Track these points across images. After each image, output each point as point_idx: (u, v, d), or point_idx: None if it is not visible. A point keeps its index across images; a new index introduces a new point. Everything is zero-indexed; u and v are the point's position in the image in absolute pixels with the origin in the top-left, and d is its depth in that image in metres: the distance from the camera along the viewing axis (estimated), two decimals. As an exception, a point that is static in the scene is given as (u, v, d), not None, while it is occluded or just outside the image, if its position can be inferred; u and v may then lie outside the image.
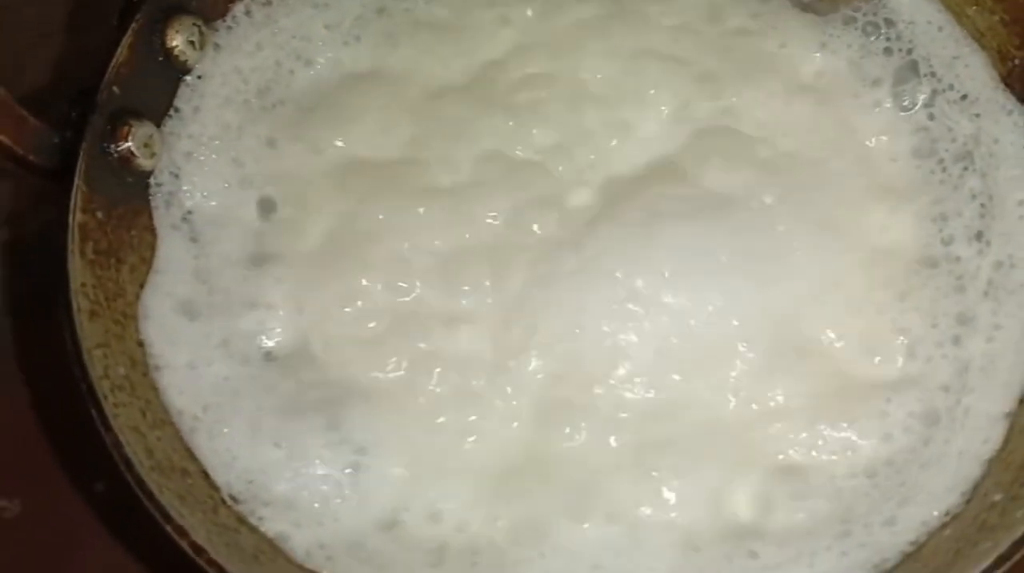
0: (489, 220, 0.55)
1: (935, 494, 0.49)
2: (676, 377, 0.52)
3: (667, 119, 0.58)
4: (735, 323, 0.52)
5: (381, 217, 0.55)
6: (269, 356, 0.53)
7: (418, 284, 0.54)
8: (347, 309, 0.53)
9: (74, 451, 0.60)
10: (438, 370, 0.52)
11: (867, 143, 0.58)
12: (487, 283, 0.54)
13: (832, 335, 0.53)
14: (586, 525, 0.49)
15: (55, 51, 0.68)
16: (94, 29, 0.67)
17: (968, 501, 0.49)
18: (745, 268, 0.53)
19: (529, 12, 0.60)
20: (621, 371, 0.52)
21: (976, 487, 0.49)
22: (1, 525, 0.59)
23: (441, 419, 0.52)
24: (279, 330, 0.53)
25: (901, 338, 0.53)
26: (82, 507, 0.58)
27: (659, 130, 0.58)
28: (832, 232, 0.55)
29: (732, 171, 0.56)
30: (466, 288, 0.54)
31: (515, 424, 0.51)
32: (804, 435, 0.51)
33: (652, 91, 0.58)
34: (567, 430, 0.51)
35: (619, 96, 0.58)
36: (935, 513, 0.49)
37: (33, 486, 0.59)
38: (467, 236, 0.55)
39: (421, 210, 0.55)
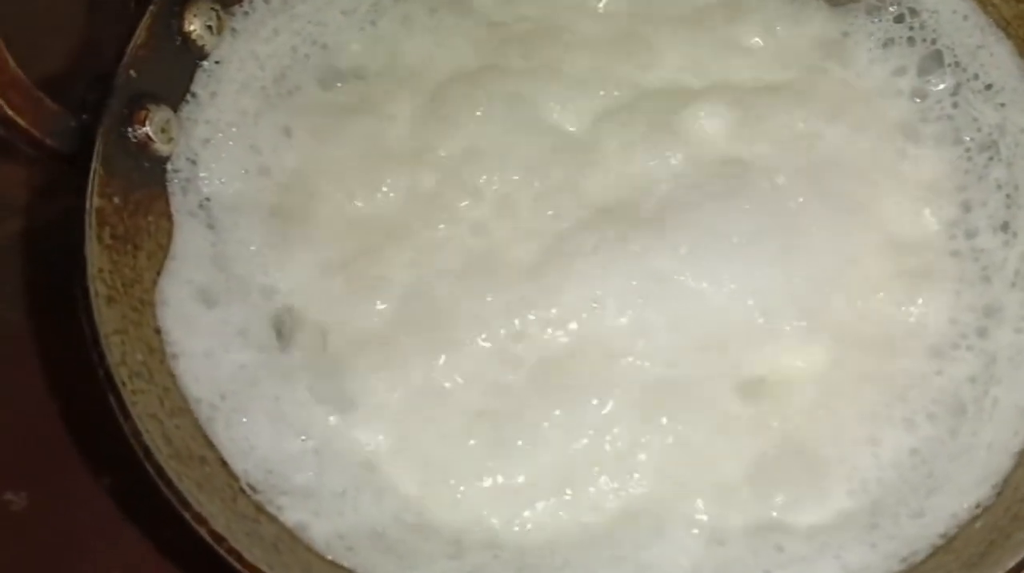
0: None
1: (965, 486, 0.49)
2: (693, 355, 0.52)
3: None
4: (750, 302, 0.52)
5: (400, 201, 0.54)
6: (287, 345, 0.52)
7: (439, 270, 0.53)
8: (366, 296, 0.53)
9: (81, 444, 0.59)
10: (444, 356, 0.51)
11: (889, 132, 0.57)
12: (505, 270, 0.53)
13: (851, 317, 0.53)
14: (609, 518, 0.49)
15: (71, 37, 0.67)
16: (110, 15, 0.67)
17: (999, 493, 0.48)
18: (760, 246, 0.53)
19: None
20: (640, 347, 0.51)
21: (1007, 479, 0.48)
22: (8, 518, 0.58)
23: (458, 407, 0.51)
24: (297, 319, 0.53)
25: (923, 328, 0.53)
26: (89, 500, 0.58)
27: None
28: (849, 214, 0.54)
29: (750, 151, 0.56)
30: (484, 286, 0.53)
31: (528, 404, 0.51)
32: (825, 421, 0.51)
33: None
34: (585, 411, 0.50)
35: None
36: (965, 505, 0.48)
37: (40, 479, 0.59)
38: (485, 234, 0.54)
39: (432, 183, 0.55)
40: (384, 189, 0.55)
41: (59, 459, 0.59)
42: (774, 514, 0.49)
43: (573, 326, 0.52)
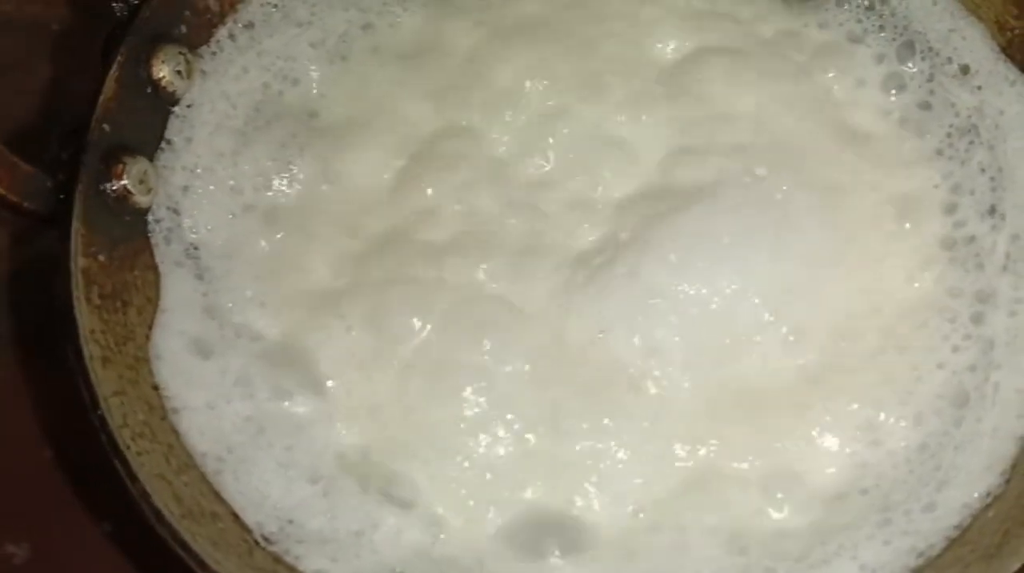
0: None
1: (973, 475, 0.49)
2: (707, 367, 0.52)
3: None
4: (756, 301, 0.52)
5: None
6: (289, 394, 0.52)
7: (432, 321, 0.53)
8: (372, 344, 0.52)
9: (78, 491, 0.58)
10: (469, 389, 0.51)
11: (867, 123, 0.57)
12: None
13: (855, 308, 0.53)
14: (631, 527, 0.49)
15: (29, 81, 0.65)
16: (70, 59, 0.67)
17: (1008, 480, 0.49)
18: (751, 244, 0.53)
19: None
20: (655, 368, 0.51)
21: (1015, 465, 0.49)
22: (11, 572, 0.57)
23: (472, 435, 0.51)
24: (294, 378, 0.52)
25: (923, 319, 0.53)
26: (91, 547, 0.57)
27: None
28: (835, 200, 0.54)
29: (723, 149, 0.56)
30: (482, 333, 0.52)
31: (556, 436, 0.50)
32: (832, 419, 0.51)
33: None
34: (610, 436, 0.50)
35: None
36: (975, 494, 0.49)
37: (40, 529, 0.58)
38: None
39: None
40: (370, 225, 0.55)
41: (57, 507, 0.58)
42: (784, 515, 0.50)
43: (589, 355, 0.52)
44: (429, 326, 0.52)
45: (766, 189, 0.54)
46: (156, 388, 0.50)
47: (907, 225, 0.55)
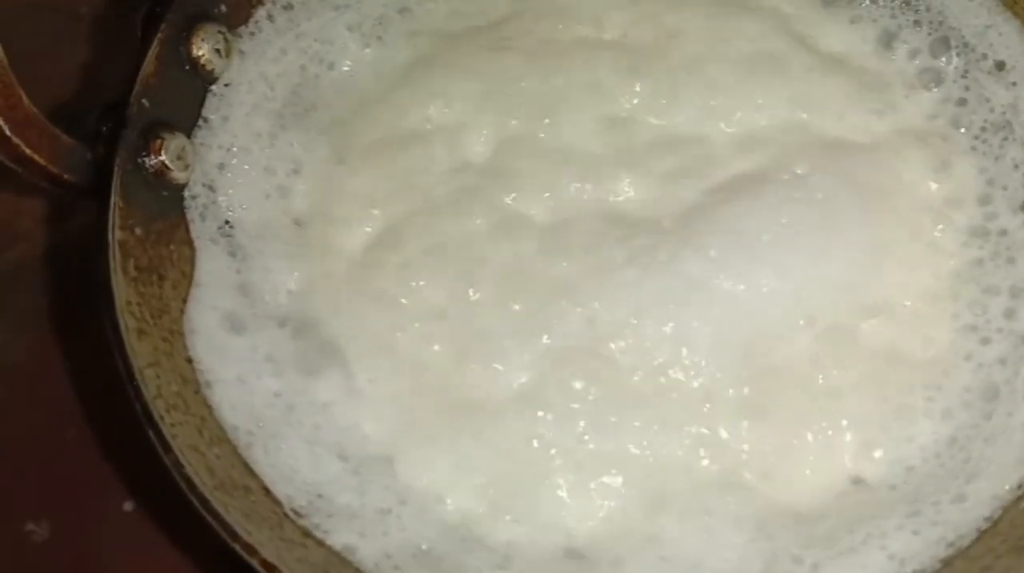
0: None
1: (1004, 467, 0.49)
2: (736, 361, 0.51)
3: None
4: (791, 301, 0.52)
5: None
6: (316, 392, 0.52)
7: (471, 292, 0.53)
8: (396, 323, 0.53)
9: (99, 470, 0.59)
10: (499, 365, 0.51)
11: (902, 119, 0.57)
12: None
13: (887, 308, 0.53)
14: (660, 517, 0.49)
15: (67, 61, 0.66)
16: (108, 37, 0.67)
17: (1039, 472, 0.49)
18: (790, 244, 0.53)
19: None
20: (684, 357, 0.51)
21: (1046, 457, 0.49)
22: (30, 549, 0.58)
23: (497, 417, 0.51)
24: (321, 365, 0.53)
25: (954, 314, 0.53)
26: (112, 526, 0.58)
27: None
28: (874, 200, 0.54)
29: (765, 147, 0.56)
30: (517, 307, 0.53)
31: (581, 422, 0.50)
32: (860, 413, 0.51)
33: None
34: (635, 423, 0.50)
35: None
36: (1006, 487, 0.48)
37: (60, 507, 0.58)
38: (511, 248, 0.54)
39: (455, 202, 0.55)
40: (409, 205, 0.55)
41: (78, 486, 0.58)
42: (818, 505, 0.50)
43: (614, 340, 0.52)
44: (471, 292, 0.53)
45: (808, 189, 0.54)
46: (190, 361, 0.50)
47: (942, 222, 0.55)
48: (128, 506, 0.58)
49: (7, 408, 0.61)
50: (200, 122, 0.55)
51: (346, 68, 0.59)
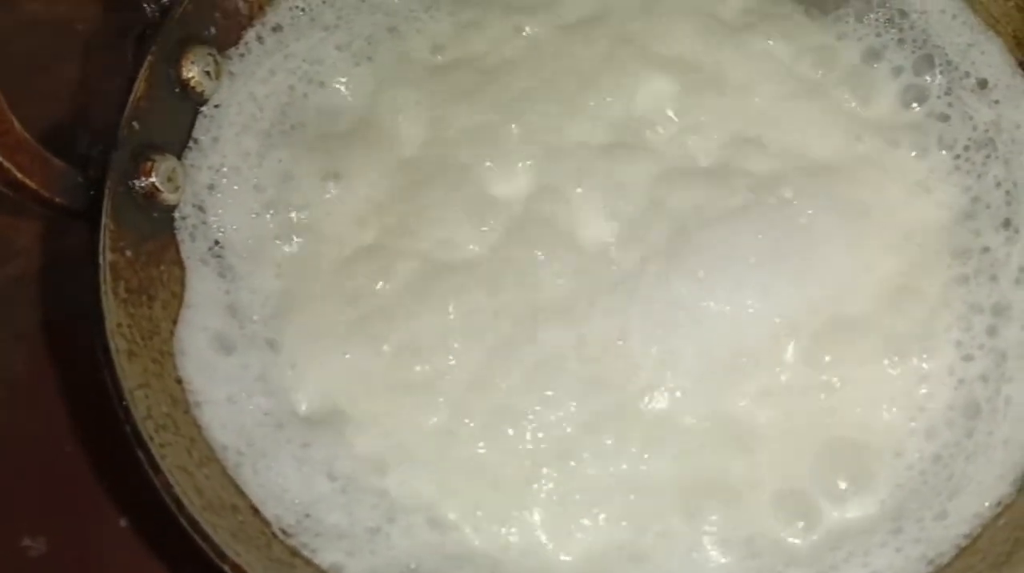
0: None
1: (984, 485, 0.50)
2: (721, 381, 0.52)
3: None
4: (776, 321, 0.53)
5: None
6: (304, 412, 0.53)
7: (451, 308, 0.53)
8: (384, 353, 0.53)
9: (96, 485, 0.59)
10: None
11: (886, 137, 0.57)
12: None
13: (869, 327, 0.53)
14: (645, 536, 0.49)
15: (57, 81, 0.67)
16: (97, 58, 0.67)
17: (1020, 489, 0.49)
18: (775, 267, 0.53)
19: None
20: (668, 379, 0.52)
21: (1026, 475, 0.49)
22: (27, 564, 0.58)
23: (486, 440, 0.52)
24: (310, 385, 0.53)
25: (937, 332, 0.53)
26: (108, 542, 0.58)
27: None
28: (858, 220, 0.55)
29: (751, 170, 0.56)
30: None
31: (568, 443, 0.51)
32: (845, 434, 0.52)
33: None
34: (610, 442, 0.51)
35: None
36: (987, 504, 0.49)
37: (57, 523, 0.59)
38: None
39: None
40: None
41: (74, 502, 0.59)
42: (800, 525, 0.50)
43: (601, 357, 0.52)
44: (451, 308, 0.53)
45: (792, 213, 0.55)
46: (180, 382, 0.50)
47: (924, 240, 0.55)
48: (124, 522, 0.58)
49: (4, 422, 0.61)
50: (190, 143, 0.56)
51: (336, 87, 0.59)
